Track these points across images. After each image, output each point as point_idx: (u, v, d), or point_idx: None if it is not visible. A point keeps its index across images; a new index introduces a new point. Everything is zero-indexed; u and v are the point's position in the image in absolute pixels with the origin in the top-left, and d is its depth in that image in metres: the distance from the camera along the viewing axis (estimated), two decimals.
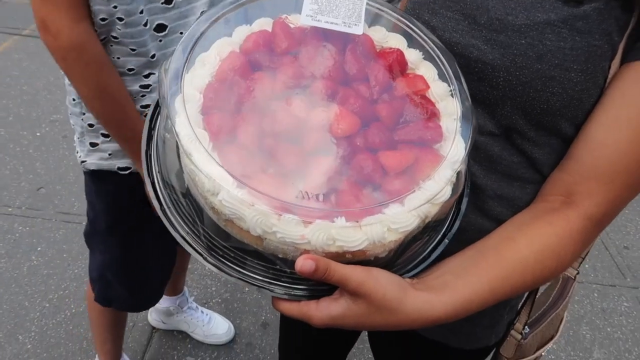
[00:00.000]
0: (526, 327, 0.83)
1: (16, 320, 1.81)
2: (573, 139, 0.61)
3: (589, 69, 0.55)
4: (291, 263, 0.48)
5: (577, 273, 0.88)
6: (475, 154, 0.65)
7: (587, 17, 0.54)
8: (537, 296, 0.83)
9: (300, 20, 0.55)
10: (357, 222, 0.47)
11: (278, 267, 0.51)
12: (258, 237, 0.47)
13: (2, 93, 3.01)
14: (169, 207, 0.53)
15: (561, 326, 0.90)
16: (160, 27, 0.96)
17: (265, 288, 0.51)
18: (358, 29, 0.55)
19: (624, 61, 0.56)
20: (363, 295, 0.48)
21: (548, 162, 0.64)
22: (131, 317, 1.87)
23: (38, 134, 2.73)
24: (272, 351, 1.84)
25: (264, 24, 0.59)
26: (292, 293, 0.51)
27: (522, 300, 0.86)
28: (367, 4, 0.58)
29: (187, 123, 0.48)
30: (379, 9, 0.61)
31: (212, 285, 2.03)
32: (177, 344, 1.82)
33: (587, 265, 2.37)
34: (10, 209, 2.25)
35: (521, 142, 0.63)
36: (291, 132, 0.51)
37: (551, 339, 0.89)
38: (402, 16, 0.61)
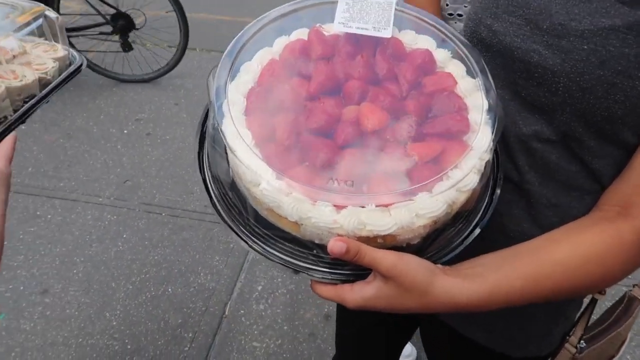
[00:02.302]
0: (582, 341, 0.81)
1: (104, 299, 2.00)
2: (634, 148, 0.60)
3: None
4: (327, 248, 0.53)
5: None
6: (532, 161, 0.66)
7: None
8: (594, 309, 0.81)
9: (333, 27, 0.60)
10: (387, 207, 0.50)
11: (315, 252, 0.55)
12: (295, 223, 0.52)
13: (95, 93, 3.31)
14: (218, 201, 0.59)
15: (623, 347, 0.86)
16: None
17: (304, 272, 0.55)
18: (387, 32, 0.59)
19: None
20: (394, 277, 0.51)
21: (609, 173, 0.63)
22: (204, 302, 2.01)
23: (125, 131, 2.97)
24: (334, 342, 1.90)
25: (301, 33, 0.63)
26: (329, 277, 0.55)
27: (580, 312, 0.84)
28: (400, 10, 0.62)
29: (231, 123, 0.54)
30: (410, 14, 0.65)
31: (278, 276, 2.13)
32: (245, 329, 1.93)
33: None
34: (100, 199, 2.48)
35: (580, 150, 0.62)
36: (324, 128, 0.55)
37: (610, 358, 0.86)
38: (432, 19, 0.65)
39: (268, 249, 0.56)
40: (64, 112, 3.12)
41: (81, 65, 0.86)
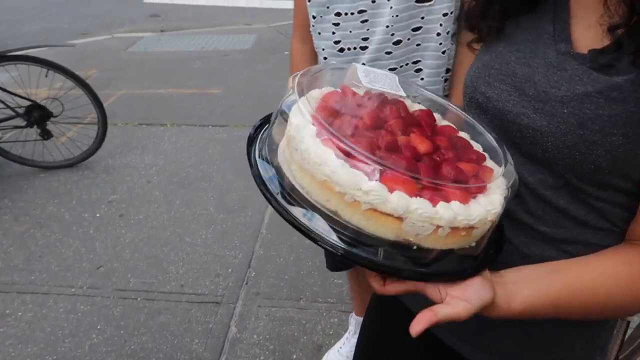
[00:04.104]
0: None
1: None
2: (634, 192, 0.66)
3: (629, 132, 0.61)
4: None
5: None
6: (542, 205, 0.73)
7: (621, 87, 0.60)
8: (624, 337, 0.85)
9: (367, 85, 0.70)
10: (467, 204, 0.59)
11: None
12: (398, 219, 0.57)
13: (65, 178, 3.29)
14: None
15: None
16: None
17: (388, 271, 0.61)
18: (402, 92, 0.72)
19: None
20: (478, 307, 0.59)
21: (614, 212, 0.69)
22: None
23: (97, 214, 2.94)
24: None
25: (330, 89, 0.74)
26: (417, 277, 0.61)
27: (612, 341, 0.86)
28: (400, 81, 0.74)
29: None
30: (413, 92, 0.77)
31: (260, 354, 2.06)
32: None
33: None
34: (73, 289, 2.41)
35: (583, 196, 0.69)
36: (392, 146, 0.62)
37: None
38: (425, 93, 0.78)
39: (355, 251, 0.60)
40: (34, 201, 3.08)
41: None
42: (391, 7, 1.12)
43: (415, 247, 0.59)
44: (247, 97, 4.58)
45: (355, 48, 1.22)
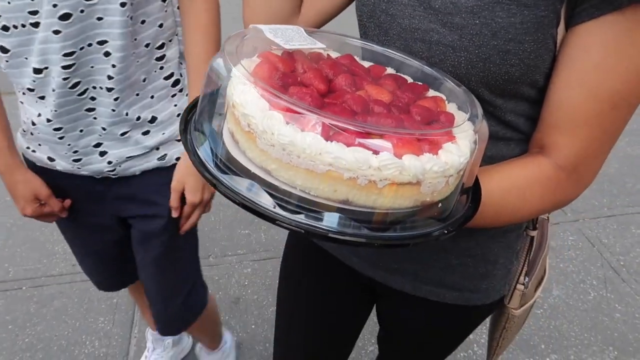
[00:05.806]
0: (526, 277, 0.89)
1: None
2: (537, 99, 0.67)
3: (540, 38, 0.60)
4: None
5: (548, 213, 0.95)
6: None
7: None
8: (533, 245, 0.88)
9: (285, 46, 0.61)
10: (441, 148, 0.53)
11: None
12: (417, 184, 0.51)
13: None
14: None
15: (547, 265, 0.97)
16: (3, 49, 0.95)
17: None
18: (321, 45, 0.65)
19: (568, 26, 0.61)
20: None
21: (521, 122, 0.70)
22: None
23: None
24: None
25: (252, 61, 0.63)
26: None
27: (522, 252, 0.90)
28: (305, 30, 0.66)
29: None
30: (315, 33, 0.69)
31: None
32: None
33: None
34: None
35: (492, 109, 0.68)
36: (365, 107, 0.57)
37: (542, 278, 0.95)
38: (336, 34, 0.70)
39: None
40: None
41: None
42: None
43: (440, 205, 0.54)
44: None
45: (24, 25, 0.90)
